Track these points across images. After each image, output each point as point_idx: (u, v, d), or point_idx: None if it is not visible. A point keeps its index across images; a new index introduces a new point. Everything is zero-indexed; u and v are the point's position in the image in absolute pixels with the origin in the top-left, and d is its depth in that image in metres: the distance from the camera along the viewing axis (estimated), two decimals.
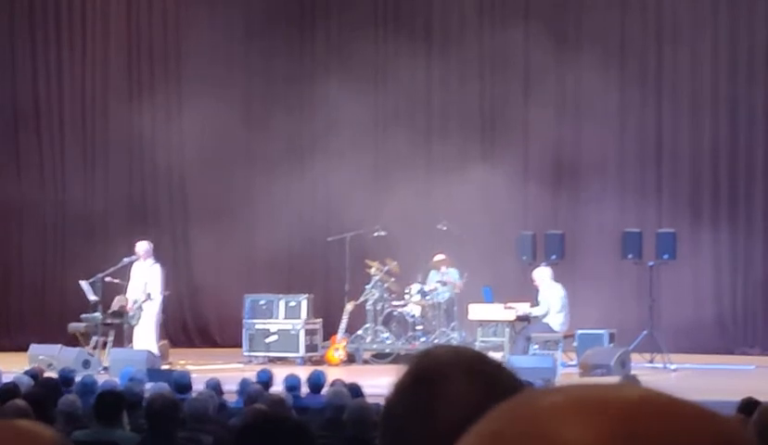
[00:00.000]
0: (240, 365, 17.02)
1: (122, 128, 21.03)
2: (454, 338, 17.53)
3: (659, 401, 0.97)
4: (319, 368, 12.56)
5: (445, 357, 1.65)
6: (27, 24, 21.05)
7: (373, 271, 18.28)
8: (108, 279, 17.18)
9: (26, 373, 11.42)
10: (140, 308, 16.97)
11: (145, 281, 17.09)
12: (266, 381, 10.97)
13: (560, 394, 0.99)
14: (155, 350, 16.55)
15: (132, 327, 17.04)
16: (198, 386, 10.80)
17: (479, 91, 20.85)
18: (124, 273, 17.30)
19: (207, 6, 21.51)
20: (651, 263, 17.66)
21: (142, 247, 17.31)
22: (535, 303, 17.09)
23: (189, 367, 15.08)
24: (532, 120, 20.36)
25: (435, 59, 21.03)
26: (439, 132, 20.79)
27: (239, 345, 18.35)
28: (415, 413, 1.59)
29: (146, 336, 16.85)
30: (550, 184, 20.27)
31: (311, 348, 18.05)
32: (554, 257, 17.74)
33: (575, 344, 16.72)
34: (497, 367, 1.64)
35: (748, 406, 7.89)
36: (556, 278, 17.09)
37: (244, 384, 10.55)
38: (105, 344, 16.95)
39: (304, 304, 18.20)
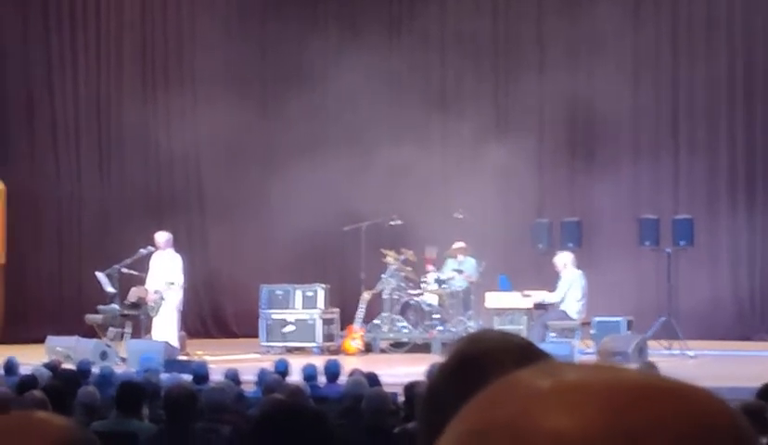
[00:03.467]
0: (258, 355, 17.03)
1: (138, 119, 21.05)
2: (471, 327, 17.51)
3: (656, 386, 0.93)
4: (335, 357, 12.57)
5: (495, 342, 1.65)
6: (40, 16, 21.07)
7: (389, 260, 18.27)
8: (124, 270, 17.20)
9: (45, 365, 11.46)
10: (162, 298, 16.96)
11: (164, 271, 17.09)
12: (283, 371, 10.98)
13: (547, 378, 0.94)
14: (175, 342, 16.55)
15: (150, 318, 17.05)
16: (216, 376, 10.81)
17: (491, 67, 20.81)
18: (141, 265, 17.31)
19: None
20: (668, 250, 17.60)
21: (162, 237, 17.27)
22: (554, 290, 17.06)
23: (207, 358, 15.09)
24: (547, 95, 20.30)
25: (449, 40, 21.00)
26: (454, 116, 20.73)
27: (256, 335, 18.37)
28: (461, 397, 1.58)
29: (166, 327, 16.85)
30: (565, 164, 20.20)
31: (328, 337, 18.05)
32: (570, 245, 17.69)
33: (592, 331, 16.69)
34: (545, 355, 1.63)
35: (767, 392, 7.86)
36: (577, 265, 17.06)
37: (262, 374, 10.57)
38: (122, 335, 16.98)
39: (321, 294, 18.20)
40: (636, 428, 0.90)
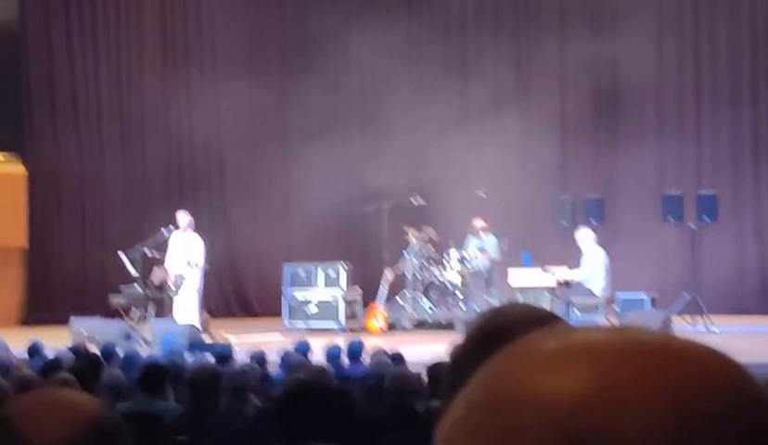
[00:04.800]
0: (280, 336, 17.04)
1: (159, 100, 21.05)
2: (494, 305, 17.46)
3: (660, 345, 0.87)
4: (359, 337, 12.56)
5: (518, 314, 1.62)
6: (62, 1, 21.09)
7: (411, 238, 18.24)
8: (146, 251, 17.23)
9: (69, 348, 11.48)
10: (182, 278, 16.97)
11: (184, 252, 17.09)
12: (305, 351, 10.97)
13: (552, 341, 0.89)
14: (197, 323, 16.57)
15: (172, 299, 17.07)
16: (241, 357, 10.82)
17: (512, 39, 20.73)
18: (163, 245, 17.33)
19: None
20: (692, 226, 17.53)
21: (184, 219, 17.23)
22: (577, 266, 17.00)
23: (231, 338, 15.11)
24: (569, 72, 20.21)
25: (470, 12, 20.93)
26: (475, 93, 20.66)
27: (278, 314, 18.39)
28: None
29: (187, 308, 16.86)
30: (588, 140, 20.11)
31: (351, 316, 18.05)
32: (593, 221, 17.63)
33: (616, 308, 16.64)
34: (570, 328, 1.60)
35: None
36: (598, 242, 17.00)
37: (286, 355, 10.56)
38: (146, 317, 17.01)
39: (343, 273, 18.19)
40: (623, 388, 0.84)
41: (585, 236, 16.96)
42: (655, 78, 20.24)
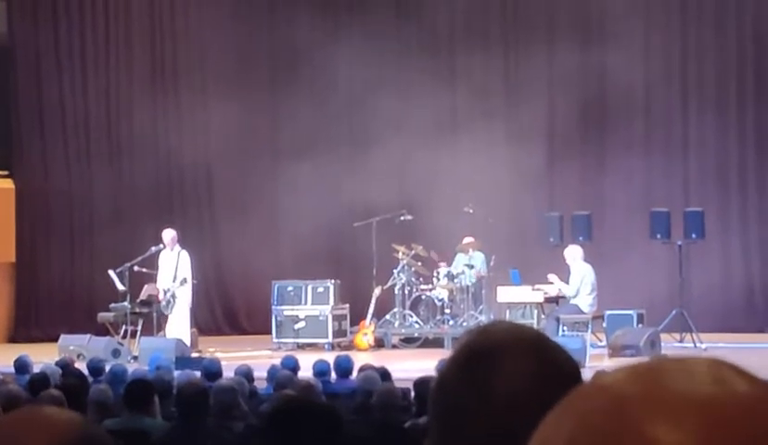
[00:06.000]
0: (269, 352, 17.05)
1: (147, 117, 21.06)
2: (482, 321, 17.50)
3: (758, 399, 0.90)
4: (346, 353, 12.56)
5: (506, 333, 1.63)
6: (50, 14, 21.08)
7: (400, 255, 18.27)
8: (136, 268, 17.24)
9: (56, 363, 11.47)
10: (174, 295, 17.01)
11: (174, 269, 17.13)
12: (292, 367, 10.96)
13: (637, 384, 0.89)
14: (187, 339, 16.58)
15: (162, 316, 17.09)
16: (228, 373, 10.81)
17: (501, 52, 20.77)
18: (152, 263, 17.34)
19: None
20: (680, 243, 17.56)
21: (168, 235, 17.39)
22: (566, 281, 17.04)
23: (219, 355, 15.11)
24: (557, 89, 20.25)
25: (458, 28, 20.99)
26: (463, 109, 20.69)
27: (268, 332, 18.39)
28: (471, 389, 1.56)
29: (179, 325, 16.90)
30: (575, 158, 20.13)
31: (339, 333, 18.06)
32: (581, 238, 17.66)
33: (604, 325, 16.67)
34: (557, 347, 1.61)
35: None
36: (586, 259, 17.03)
37: (273, 370, 10.56)
38: (134, 333, 17.01)
39: (332, 290, 18.21)
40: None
41: (573, 253, 17.02)
42: (642, 95, 20.30)
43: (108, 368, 11.23)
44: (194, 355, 15.86)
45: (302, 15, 21.10)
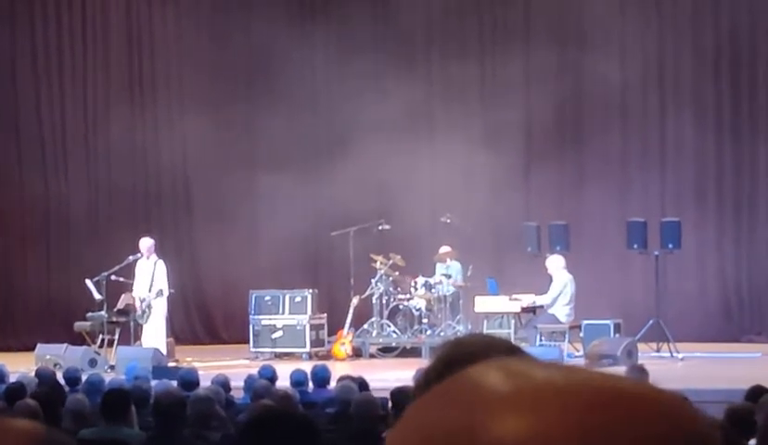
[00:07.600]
0: (247, 362, 17.03)
1: (125, 126, 21.00)
2: (460, 331, 17.52)
3: (616, 389, 0.89)
4: (323, 363, 12.56)
5: (480, 345, 1.63)
6: (28, 27, 21.03)
7: (378, 265, 18.28)
8: (113, 278, 17.19)
9: (36, 373, 11.42)
10: (149, 305, 16.98)
11: (150, 278, 17.10)
12: (269, 377, 10.95)
13: (502, 378, 0.89)
14: (163, 348, 16.55)
15: (138, 325, 17.04)
16: (206, 383, 10.79)
17: (478, 62, 20.81)
18: (129, 272, 17.30)
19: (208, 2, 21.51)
20: (656, 253, 17.62)
21: (145, 244, 17.35)
22: (544, 292, 17.08)
23: (196, 364, 15.08)
24: (534, 98, 20.30)
25: (436, 40, 21.03)
26: (441, 119, 20.74)
27: (246, 341, 18.36)
28: None
29: (155, 335, 16.86)
30: (552, 168, 20.17)
31: (316, 343, 18.05)
32: (558, 248, 17.70)
33: (581, 335, 16.71)
34: (529, 358, 1.62)
35: (756, 394, 7.89)
36: (567, 269, 17.09)
37: (250, 380, 10.54)
38: (111, 342, 16.97)
39: (309, 299, 18.19)
40: (592, 432, 0.86)
41: (555, 262, 17.08)
42: (619, 105, 20.37)
43: (84, 378, 11.18)
44: (171, 364, 15.82)
45: (279, 25, 21.07)
